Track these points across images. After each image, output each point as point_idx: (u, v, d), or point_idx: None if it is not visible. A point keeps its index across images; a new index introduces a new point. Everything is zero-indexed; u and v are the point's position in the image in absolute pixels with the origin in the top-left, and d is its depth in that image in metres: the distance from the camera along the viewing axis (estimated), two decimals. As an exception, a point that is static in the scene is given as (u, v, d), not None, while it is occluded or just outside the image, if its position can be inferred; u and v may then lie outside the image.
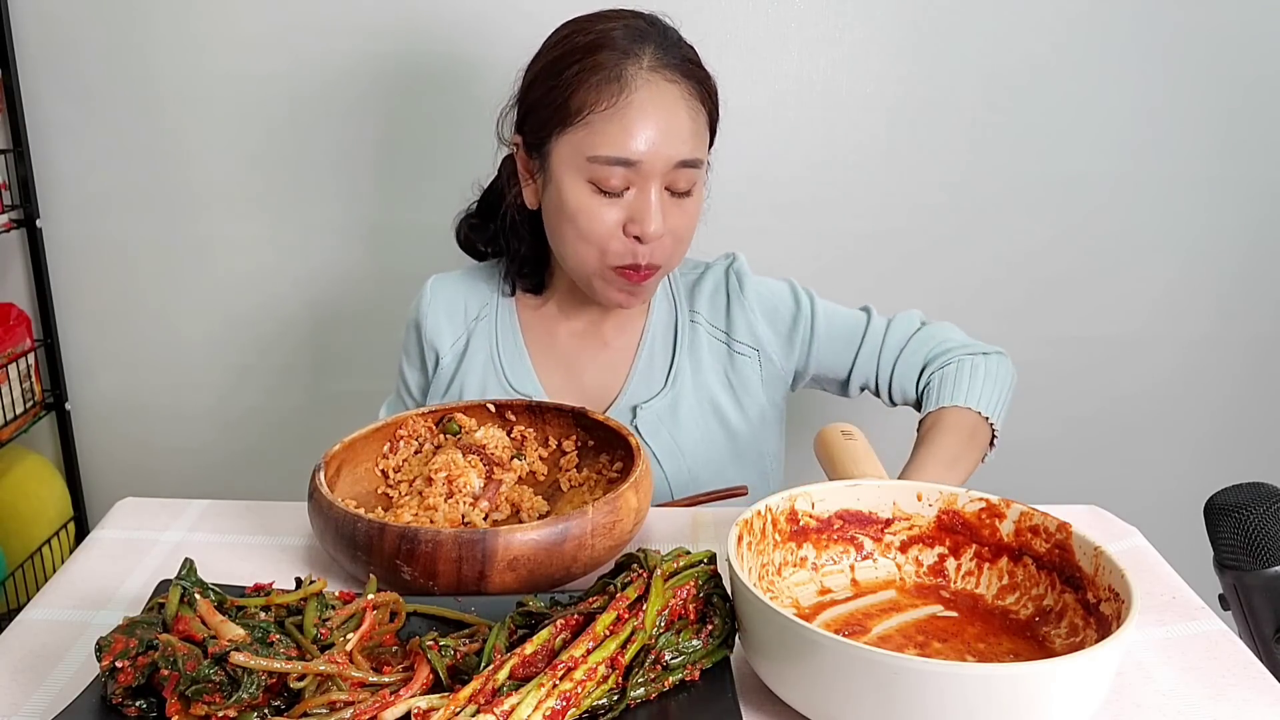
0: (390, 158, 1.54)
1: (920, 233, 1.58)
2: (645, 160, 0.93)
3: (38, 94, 1.52)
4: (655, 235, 0.95)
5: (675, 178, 0.95)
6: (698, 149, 0.97)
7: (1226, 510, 0.73)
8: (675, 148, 0.94)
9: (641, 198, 0.95)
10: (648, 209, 0.94)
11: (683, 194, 0.97)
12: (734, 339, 1.08)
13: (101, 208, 1.58)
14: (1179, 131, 1.56)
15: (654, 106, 0.93)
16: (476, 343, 1.09)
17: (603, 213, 0.95)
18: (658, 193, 0.95)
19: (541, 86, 0.97)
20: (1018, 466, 1.69)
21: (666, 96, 0.94)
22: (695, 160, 0.96)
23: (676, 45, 0.98)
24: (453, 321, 1.11)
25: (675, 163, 0.94)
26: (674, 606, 0.57)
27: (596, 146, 0.93)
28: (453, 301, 1.12)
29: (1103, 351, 1.66)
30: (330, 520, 0.69)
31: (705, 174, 1.02)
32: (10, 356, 1.52)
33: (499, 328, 1.10)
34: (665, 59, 0.95)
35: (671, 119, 0.94)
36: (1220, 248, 1.62)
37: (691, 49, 1.00)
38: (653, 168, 0.94)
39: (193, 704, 0.51)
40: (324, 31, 1.48)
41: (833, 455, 0.87)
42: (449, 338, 1.10)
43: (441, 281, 1.13)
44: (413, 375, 1.14)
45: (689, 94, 0.96)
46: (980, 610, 0.64)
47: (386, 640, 0.59)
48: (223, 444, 1.70)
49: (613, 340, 1.09)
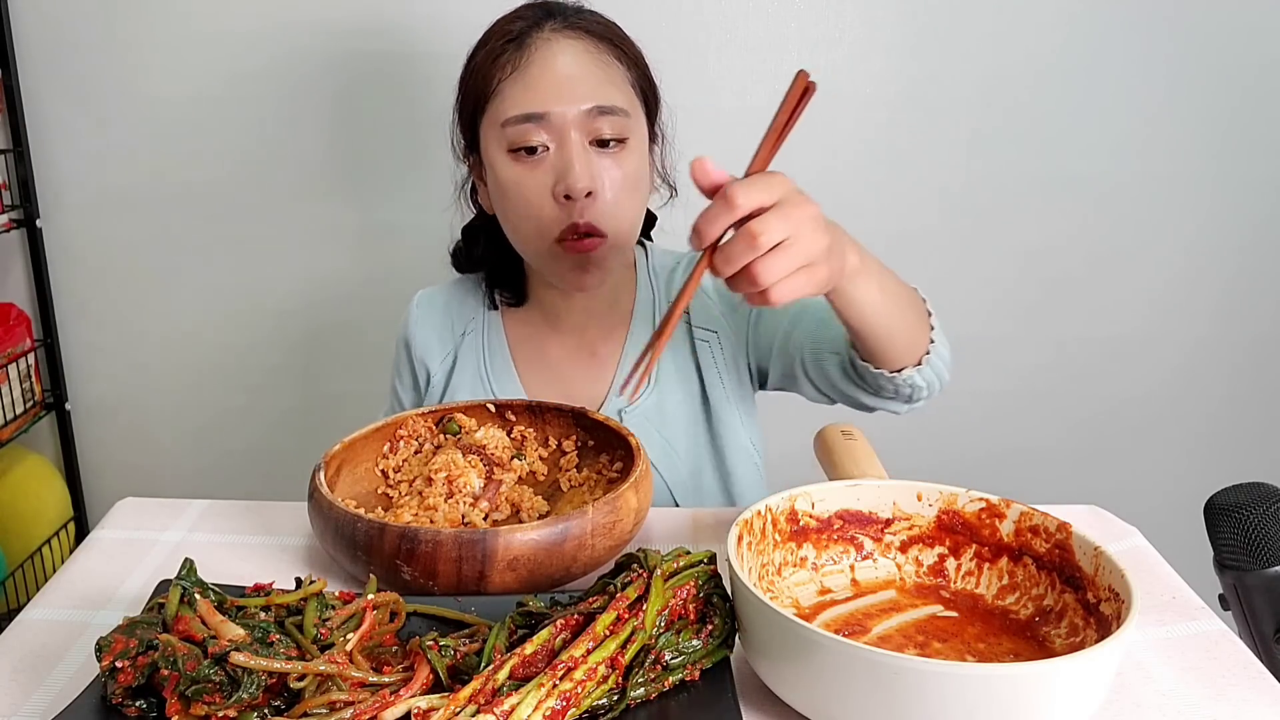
0: (391, 158, 1.54)
1: (919, 233, 1.58)
2: (553, 111, 0.92)
3: (38, 94, 1.52)
4: (580, 188, 0.92)
5: (596, 126, 0.93)
6: (613, 96, 0.94)
7: (1226, 510, 0.73)
8: (582, 94, 0.92)
9: (560, 153, 0.93)
10: (568, 161, 0.92)
11: (612, 145, 0.94)
12: (695, 324, 1.06)
13: (101, 208, 1.58)
14: (1180, 132, 1.56)
15: (555, 59, 0.93)
16: (464, 358, 1.09)
17: (529, 179, 0.94)
18: (579, 145, 0.93)
19: (464, 85, 1.00)
20: (1018, 466, 1.70)
21: (569, 50, 0.94)
22: (612, 107, 0.93)
23: (580, 13, 0.98)
24: (441, 338, 1.10)
25: (587, 109, 0.92)
26: (674, 606, 0.57)
27: (506, 110, 0.93)
28: (440, 317, 1.11)
29: (1103, 352, 1.66)
30: (330, 520, 0.69)
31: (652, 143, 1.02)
32: (10, 356, 1.52)
33: (486, 341, 1.09)
34: (568, 22, 0.96)
35: (575, 68, 0.93)
36: (1220, 248, 1.63)
37: (606, 19, 1.00)
38: (564, 118, 0.92)
39: (193, 704, 0.51)
40: (324, 32, 1.49)
41: (833, 455, 0.87)
42: (438, 354, 1.10)
43: (427, 297, 1.13)
44: (405, 393, 1.14)
45: (595, 48, 0.95)
46: (980, 610, 0.64)
47: (386, 640, 0.59)
48: (223, 444, 1.70)
49: (599, 348, 1.07)
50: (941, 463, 1.62)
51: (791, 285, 0.66)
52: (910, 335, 0.84)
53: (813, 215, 0.67)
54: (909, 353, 0.85)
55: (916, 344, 0.85)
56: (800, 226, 0.65)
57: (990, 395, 1.67)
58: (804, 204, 0.67)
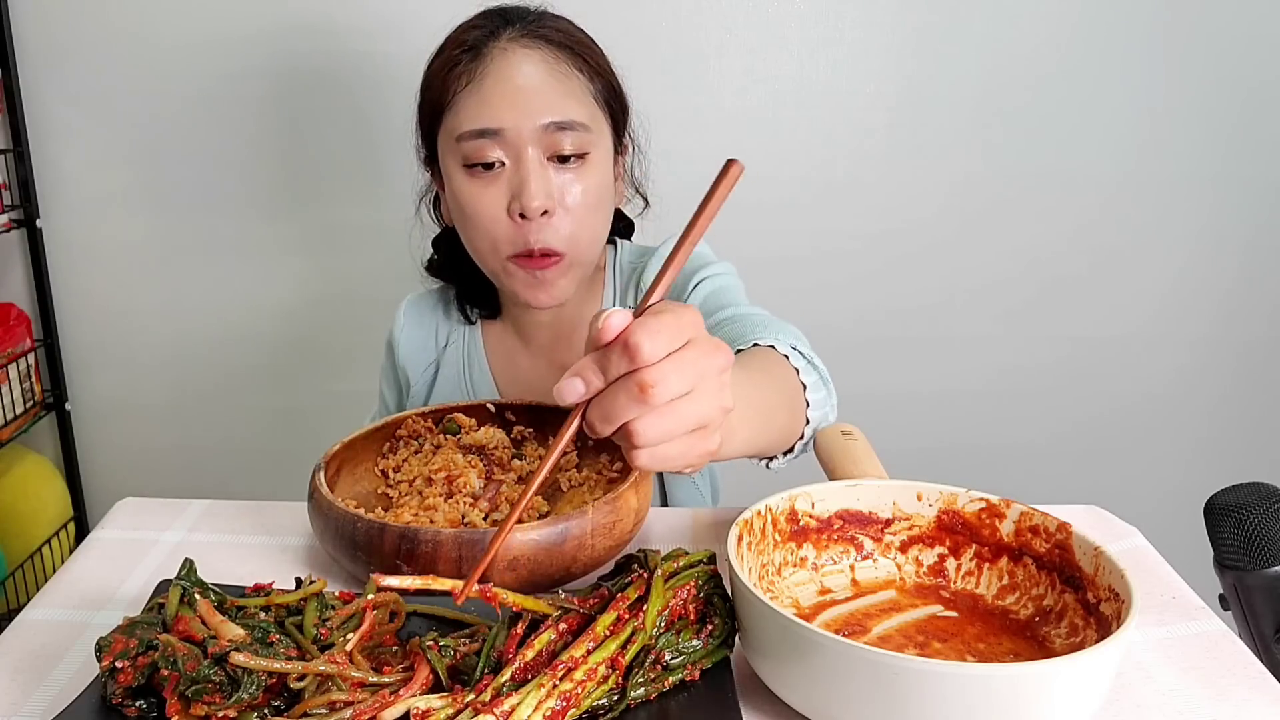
0: (392, 158, 1.54)
1: (919, 233, 1.58)
2: (508, 127, 0.89)
3: (38, 94, 1.52)
4: (535, 206, 0.88)
5: (554, 142, 0.89)
6: (572, 110, 0.90)
7: (1226, 510, 0.73)
8: (539, 109, 0.89)
9: (517, 170, 0.90)
10: (523, 180, 0.89)
11: (572, 161, 0.91)
12: None
13: (101, 208, 1.58)
14: (1181, 132, 1.56)
15: (511, 71, 0.89)
16: (445, 370, 1.08)
17: (484, 195, 0.91)
18: (535, 163, 0.89)
19: (421, 94, 0.96)
20: (1018, 466, 1.70)
21: (525, 62, 0.90)
22: (570, 122, 0.90)
23: (539, 20, 0.94)
24: (424, 347, 1.10)
25: (544, 124, 0.89)
26: (674, 607, 0.57)
27: (461, 124, 0.90)
28: (424, 326, 1.10)
29: (1103, 352, 1.66)
30: (330, 520, 0.69)
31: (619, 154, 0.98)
32: (10, 356, 1.52)
33: (466, 354, 1.08)
34: (525, 30, 0.92)
35: (532, 81, 0.89)
36: (1222, 249, 1.63)
37: (568, 22, 0.96)
38: (519, 134, 0.89)
39: (193, 704, 0.51)
40: (324, 32, 1.49)
41: (833, 455, 0.87)
42: (420, 364, 1.09)
43: (414, 305, 1.12)
44: (390, 394, 1.14)
45: (553, 58, 0.91)
46: (980, 610, 0.64)
47: (386, 640, 0.59)
48: (223, 444, 1.70)
49: (569, 362, 1.06)
50: (941, 462, 1.62)
51: (670, 452, 0.53)
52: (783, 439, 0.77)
53: (720, 368, 0.54)
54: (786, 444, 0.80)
55: (791, 437, 0.79)
56: (704, 382, 0.53)
57: (990, 395, 1.67)
58: (714, 352, 0.53)
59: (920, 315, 1.63)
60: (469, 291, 1.07)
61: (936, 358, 1.65)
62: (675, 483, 1.02)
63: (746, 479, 1.09)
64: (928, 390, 1.65)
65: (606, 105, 0.95)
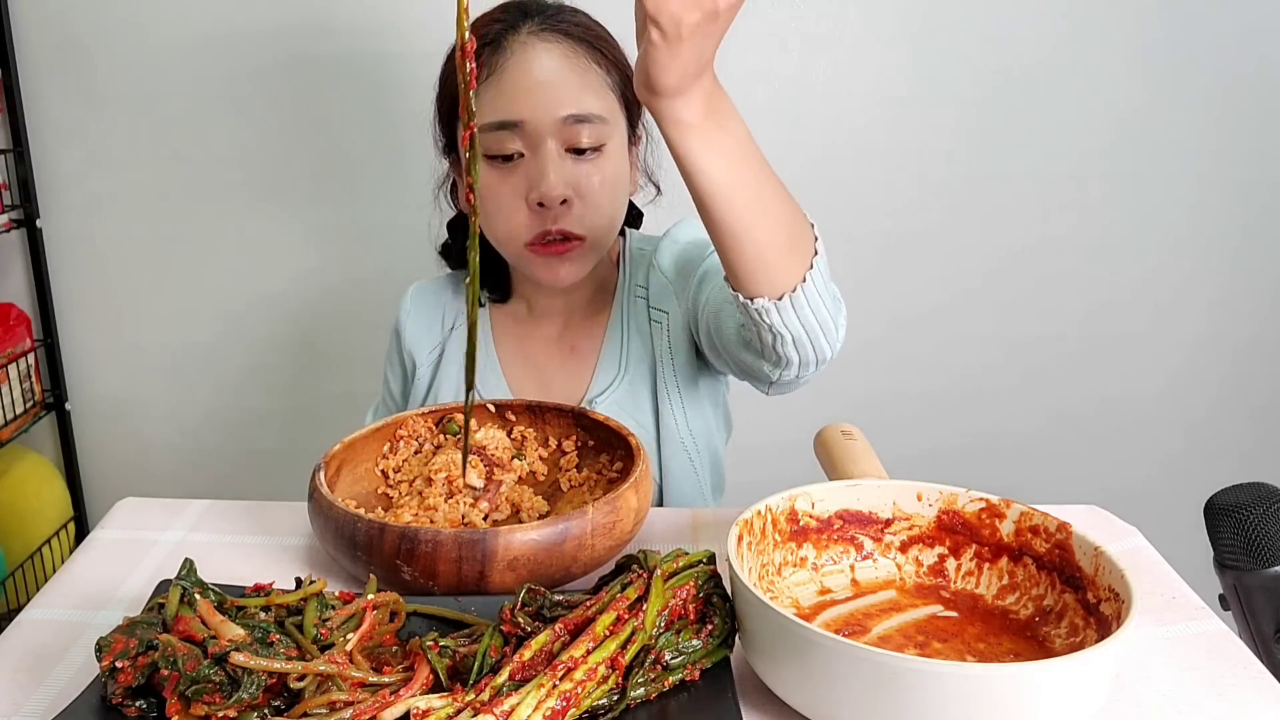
0: (393, 158, 1.54)
1: (918, 231, 1.58)
2: (527, 120, 0.91)
3: (38, 94, 1.52)
4: (553, 196, 0.92)
5: (572, 135, 0.92)
6: (590, 103, 0.93)
7: (1226, 510, 0.73)
8: (557, 103, 0.91)
9: (535, 160, 0.92)
10: (541, 169, 0.92)
11: (588, 153, 0.94)
12: (652, 305, 1.04)
13: (101, 208, 1.58)
14: (1177, 130, 1.56)
15: (531, 65, 0.92)
16: (451, 352, 1.09)
17: (503, 185, 0.94)
18: (554, 153, 0.92)
19: (441, 85, 0.99)
20: (1018, 466, 1.70)
21: (545, 56, 0.92)
22: (589, 115, 0.92)
23: (559, 14, 0.96)
24: (430, 330, 1.11)
25: (562, 118, 0.91)
26: (674, 606, 0.57)
27: (482, 116, 0.92)
28: (431, 310, 1.11)
29: (1102, 350, 1.66)
30: (330, 520, 0.69)
31: (634, 144, 1.01)
32: (10, 356, 1.52)
33: None
34: (545, 24, 0.94)
35: (551, 74, 0.92)
36: (1219, 247, 1.63)
37: (586, 15, 0.98)
38: (538, 127, 0.91)
39: (193, 704, 0.51)
40: (324, 32, 1.49)
41: (833, 455, 0.87)
42: (426, 346, 1.10)
43: (421, 290, 1.13)
44: (394, 380, 1.15)
45: (572, 52, 0.94)
46: (980, 610, 0.64)
47: (386, 640, 0.59)
48: (223, 444, 1.70)
49: (580, 343, 1.07)
50: (941, 462, 1.62)
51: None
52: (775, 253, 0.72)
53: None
54: (770, 277, 0.72)
55: (781, 268, 0.72)
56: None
57: (990, 395, 1.67)
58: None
59: (920, 315, 1.63)
60: (483, 275, 1.08)
61: (936, 358, 1.65)
62: (676, 480, 1.02)
63: (747, 479, 1.09)
64: (928, 390, 1.65)
65: (622, 96, 0.98)
